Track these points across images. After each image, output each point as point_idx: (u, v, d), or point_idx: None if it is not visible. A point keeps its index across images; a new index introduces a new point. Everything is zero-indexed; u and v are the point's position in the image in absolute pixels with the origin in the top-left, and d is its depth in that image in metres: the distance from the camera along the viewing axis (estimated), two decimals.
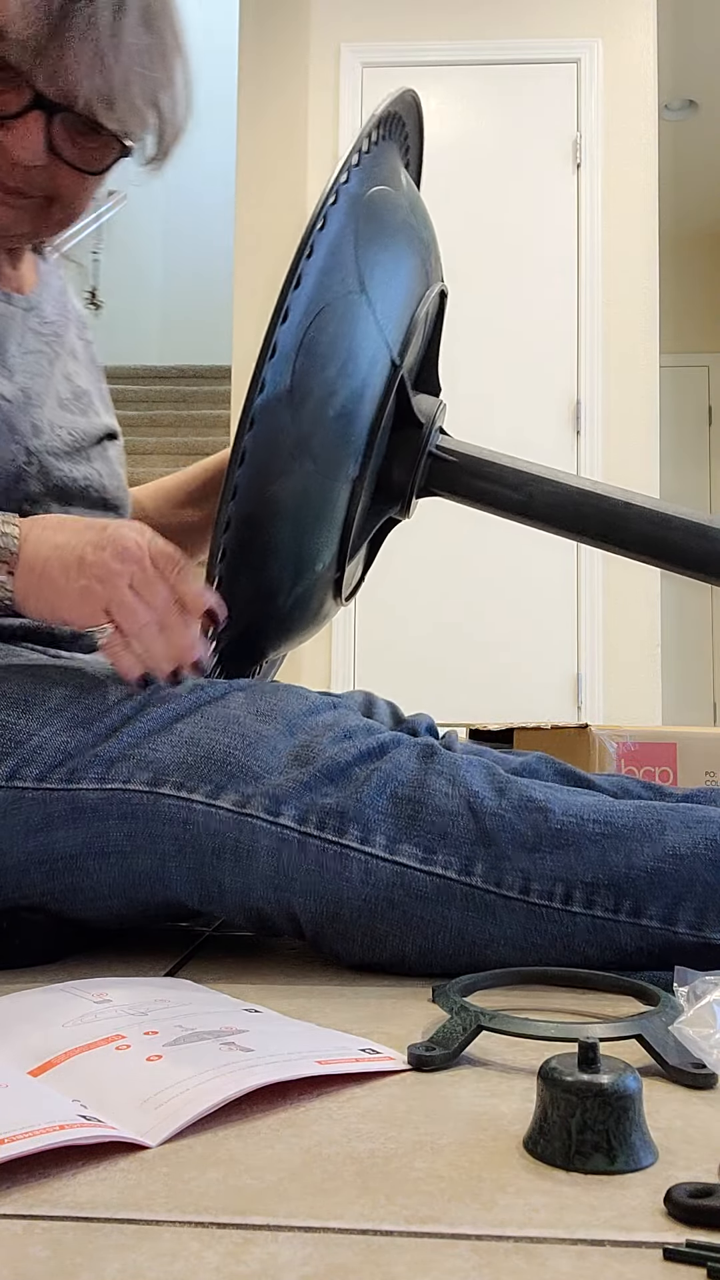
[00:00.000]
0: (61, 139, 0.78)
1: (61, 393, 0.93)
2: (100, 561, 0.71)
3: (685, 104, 4.58)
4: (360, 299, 0.77)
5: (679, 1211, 0.35)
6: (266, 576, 0.80)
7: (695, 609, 5.51)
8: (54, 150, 0.78)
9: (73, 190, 0.81)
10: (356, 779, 0.70)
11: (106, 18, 0.73)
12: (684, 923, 0.67)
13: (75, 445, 0.91)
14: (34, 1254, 0.34)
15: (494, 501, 0.89)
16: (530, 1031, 0.49)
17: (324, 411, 0.76)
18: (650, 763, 1.19)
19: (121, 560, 0.71)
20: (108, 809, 0.70)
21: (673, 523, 0.84)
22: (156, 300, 6.12)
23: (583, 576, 3.38)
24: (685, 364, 5.60)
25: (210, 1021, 0.52)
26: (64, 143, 0.78)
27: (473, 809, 0.69)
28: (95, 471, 0.92)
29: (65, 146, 0.78)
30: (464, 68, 3.53)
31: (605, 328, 3.44)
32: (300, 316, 0.74)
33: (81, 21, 0.73)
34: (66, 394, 0.93)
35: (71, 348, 0.98)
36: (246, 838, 0.68)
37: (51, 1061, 0.48)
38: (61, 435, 0.89)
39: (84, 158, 0.79)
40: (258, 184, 3.63)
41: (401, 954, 0.69)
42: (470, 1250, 0.34)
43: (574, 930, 0.67)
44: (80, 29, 0.73)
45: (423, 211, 0.89)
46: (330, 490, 0.79)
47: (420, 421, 0.86)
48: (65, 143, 0.78)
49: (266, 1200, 0.37)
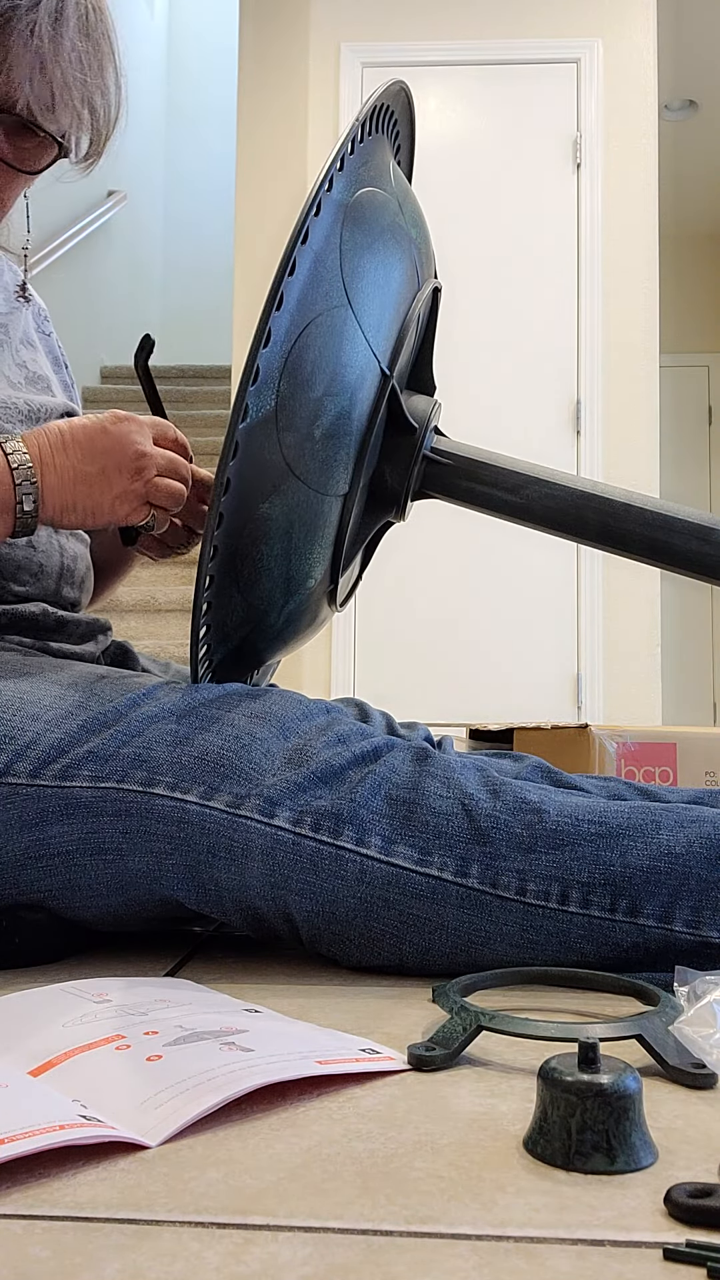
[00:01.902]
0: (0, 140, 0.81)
1: (12, 376, 0.94)
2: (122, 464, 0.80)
3: (685, 104, 4.58)
4: (345, 313, 0.76)
5: (679, 1211, 0.36)
6: (258, 595, 0.79)
7: (695, 609, 5.51)
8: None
9: (5, 188, 0.85)
10: (351, 781, 0.70)
11: (47, 25, 0.77)
12: (680, 921, 0.67)
13: (32, 415, 0.92)
14: (34, 1254, 0.34)
15: (491, 504, 0.88)
16: (530, 1031, 0.49)
17: (311, 433, 0.75)
18: (650, 763, 1.19)
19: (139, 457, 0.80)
20: (102, 806, 0.70)
21: (673, 524, 0.84)
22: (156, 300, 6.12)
23: (583, 576, 3.38)
24: (685, 364, 5.60)
25: (210, 1021, 0.52)
26: (1, 143, 0.81)
27: (467, 810, 0.69)
28: None
29: (2, 147, 0.82)
30: (464, 68, 3.53)
31: (605, 328, 3.44)
32: (283, 338, 0.73)
33: (23, 29, 0.76)
34: (19, 378, 0.95)
35: (26, 338, 0.99)
36: (241, 838, 0.69)
37: (51, 1061, 0.48)
38: (17, 404, 0.91)
39: (20, 157, 0.83)
40: (257, 185, 3.63)
41: (398, 955, 0.69)
42: (470, 1250, 0.34)
43: (571, 930, 0.67)
44: (22, 36, 0.76)
45: (413, 207, 0.88)
46: (321, 507, 0.78)
47: (414, 426, 0.86)
48: (2, 143, 0.81)
49: (266, 1200, 0.37)
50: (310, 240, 0.74)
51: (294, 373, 0.73)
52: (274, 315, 0.72)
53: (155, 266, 6.12)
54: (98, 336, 5.15)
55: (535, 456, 3.40)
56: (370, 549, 1.00)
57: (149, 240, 6.00)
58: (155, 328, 6.08)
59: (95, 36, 0.81)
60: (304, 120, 3.56)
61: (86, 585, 0.98)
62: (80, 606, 0.98)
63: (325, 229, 0.75)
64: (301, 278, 0.73)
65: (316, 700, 0.79)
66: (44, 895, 0.73)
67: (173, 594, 3.42)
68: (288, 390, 0.73)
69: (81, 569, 0.96)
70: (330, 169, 0.76)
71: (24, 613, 0.88)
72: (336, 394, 0.76)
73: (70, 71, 0.79)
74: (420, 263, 0.88)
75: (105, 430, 0.80)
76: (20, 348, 0.97)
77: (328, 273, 0.75)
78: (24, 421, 0.91)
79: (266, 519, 0.75)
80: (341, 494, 0.80)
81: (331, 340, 0.75)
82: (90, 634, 0.96)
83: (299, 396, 0.74)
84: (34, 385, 0.96)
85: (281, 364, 0.73)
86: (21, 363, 0.97)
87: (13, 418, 0.90)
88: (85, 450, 0.79)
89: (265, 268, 3.61)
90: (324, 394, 0.75)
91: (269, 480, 0.74)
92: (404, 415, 0.85)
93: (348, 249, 0.77)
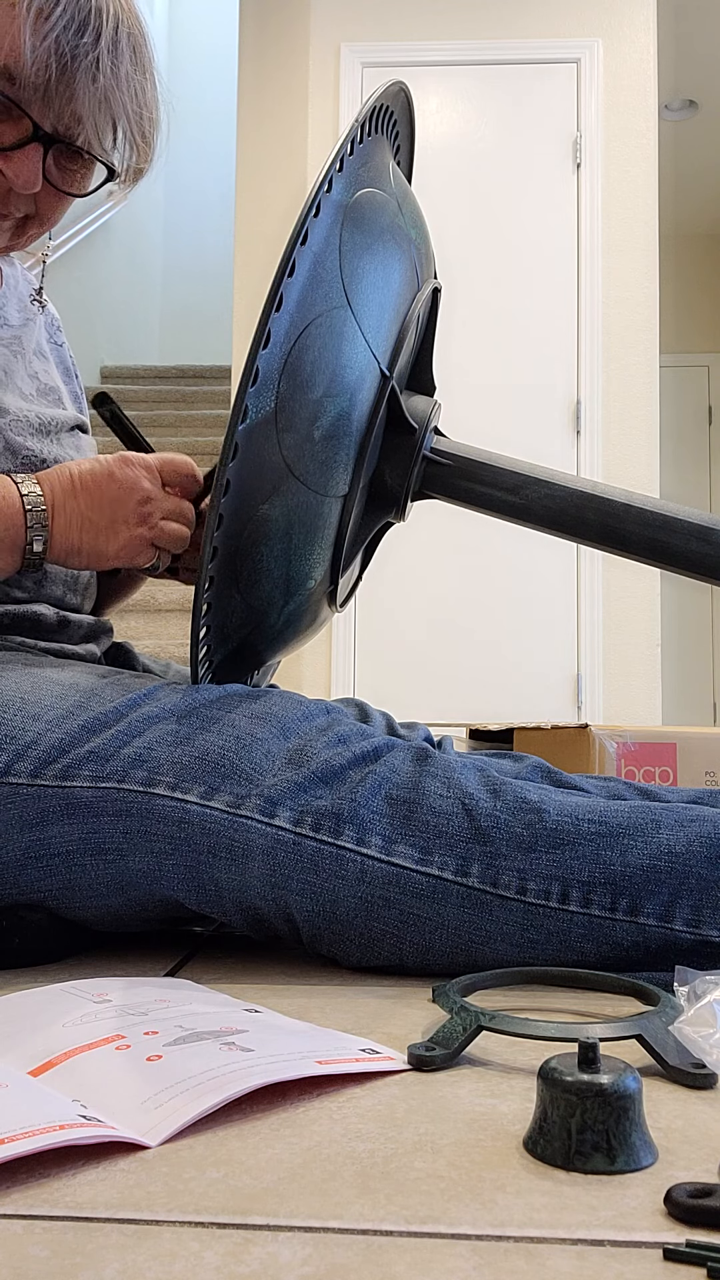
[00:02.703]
0: (50, 166, 0.83)
1: (25, 389, 0.95)
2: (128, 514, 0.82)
3: (685, 104, 4.58)
4: (345, 314, 0.76)
5: (679, 1211, 0.36)
6: (258, 597, 0.79)
7: (695, 609, 5.51)
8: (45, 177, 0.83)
9: (51, 209, 0.86)
10: (351, 781, 0.70)
11: (108, 62, 0.79)
12: (680, 920, 0.67)
13: (44, 428, 0.92)
14: (34, 1254, 0.34)
15: (491, 504, 0.88)
16: (530, 1031, 0.49)
17: (311, 434, 0.75)
18: (650, 763, 1.19)
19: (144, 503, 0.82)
20: (102, 807, 0.70)
21: (674, 524, 0.84)
22: (156, 300, 6.12)
23: (583, 576, 3.38)
24: (685, 364, 5.60)
25: (210, 1021, 0.52)
26: (52, 170, 0.83)
27: (468, 810, 0.69)
28: (66, 454, 0.93)
29: (53, 173, 0.83)
30: (464, 68, 3.53)
31: (605, 328, 3.44)
32: (282, 339, 0.73)
33: (89, 64, 0.78)
34: (31, 390, 0.95)
35: (39, 349, 1.00)
36: (241, 838, 0.69)
37: (51, 1061, 0.48)
38: (29, 417, 0.91)
39: (68, 181, 0.85)
40: (257, 185, 3.63)
41: (399, 954, 0.69)
42: (470, 1250, 0.34)
43: (571, 929, 0.67)
44: (87, 73, 0.78)
45: (412, 207, 0.88)
46: (321, 509, 0.78)
47: (413, 427, 0.86)
48: (54, 170, 0.83)
49: (266, 1200, 0.37)
50: (310, 241, 0.74)
51: (293, 374, 0.73)
52: (273, 316, 0.72)
53: (155, 266, 6.12)
54: (98, 336, 5.15)
55: (535, 456, 3.40)
56: (370, 549, 1.00)
57: (149, 240, 6.00)
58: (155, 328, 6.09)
59: (143, 62, 0.83)
60: (304, 120, 3.56)
61: (90, 591, 0.98)
62: (83, 610, 0.98)
63: (324, 230, 0.75)
64: (301, 279, 0.73)
65: (317, 700, 0.79)
66: (44, 895, 0.73)
67: (173, 594, 3.42)
68: (287, 391, 0.73)
69: (85, 576, 0.96)
70: (330, 170, 0.76)
71: (26, 613, 0.88)
72: (336, 395, 0.76)
73: (129, 104, 0.82)
74: (420, 263, 0.88)
75: (113, 476, 0.81)
76: (33, 359, 0.98)
77: (327, 274, 0.75)
78: (35, 435, 0.91)
79: (266, 520, 0.75)
80: (341, 495, 0.80)
81: (331, 341, 0.75)
82: (93, 635, 0.96)
83: (298, 398, 0.74)
84: (45, 397, 0.97)
85: (281, 365, 0.73)
86: (34, 374, 0.97)
87: (24, 431, 0.90)
88: (93, 498, 0.81)
89: (265, 268, 3.61)
90: (324, 395, 0.75)
91: (269, 481, 0.74)
92: (404, 416, 0.85)
93: (347, 250, 0.77)
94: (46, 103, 0.79)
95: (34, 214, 0.85)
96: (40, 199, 0.84)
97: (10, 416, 0.89)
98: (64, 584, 0.92)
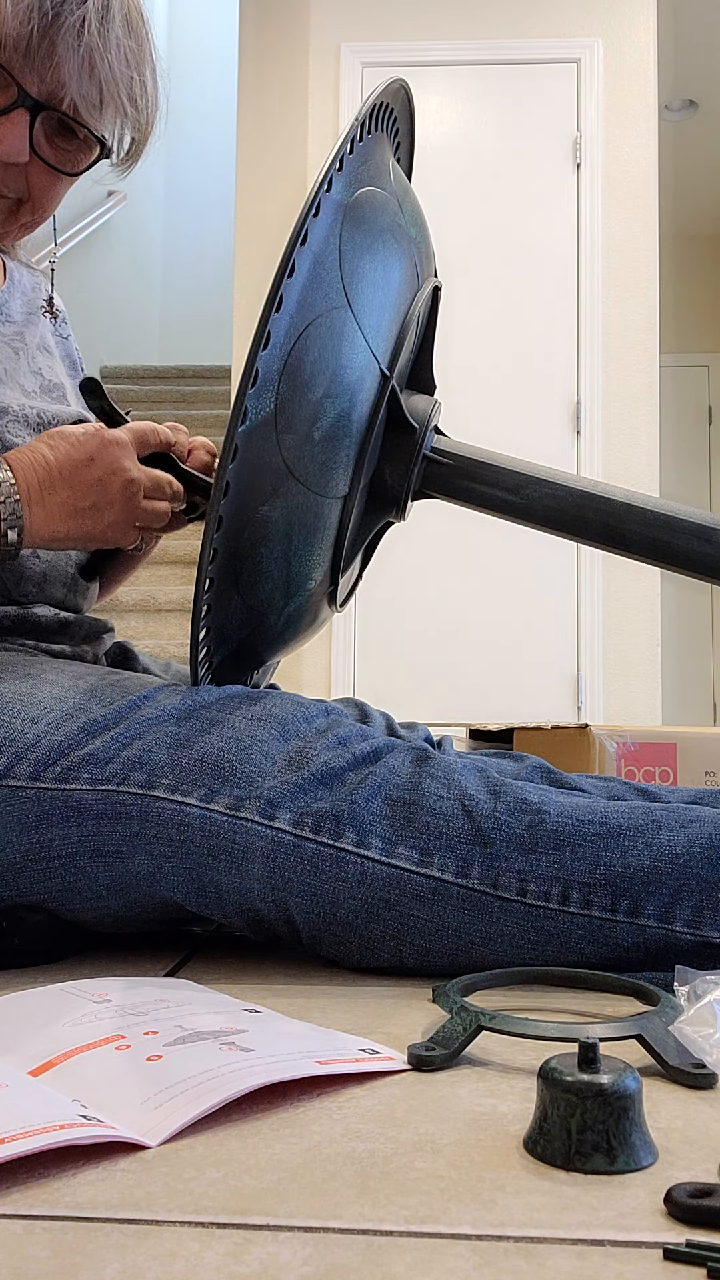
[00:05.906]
0: (41, 139, 0.81)
1: (27, 385, 0.94)
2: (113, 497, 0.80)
3: (685, 104, 4.58)
4: (345, 314, 0.75)
5: (679, 1211, 0.36)
6: (258, 598, 0.79)
7: (695, 609, 5.51)
8: (34, 149, 0.81)
9: (44, 192, 0.84)
10: (351, 783, 0.70)
11: (95, 22, 0.77)
12: (681, 921, 0.67)
13: (42, 425, 0.92)
14: (34, 1254, 0.34)
15: (491, 504, 0.88)
16: (530, 1031, 0.49)
17: (310, 435, 0.75)
18: (650, 763, 1.19)
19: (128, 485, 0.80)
20: (102, 809, 0.70)
21: (674, 524, 0.84)
22: (156, 300, 6.12)
23: (583, 576, 3.38)
24: (685, 364, 5.60)
25: (210, 1021, 0.52)
26: (43, 143, 0.81)
27: (468, 811, 0.69)
28: None
29: (44, 147, 0.81)
30: (464, 68, 3.53)
31: (605, 328, 3.44)
32: (282, 340, 0.72)
33: (72, 24, 0.76)
34: (34, 387, 0.95)
35: (43, 344, 0.99)
36: (241, 840, 0.69)
37: (51, 1061, 0.48)
38: (29, 414, 0.91)
39: (61, 158, 0.83)
40: (257, 185, 3.63)
41: (399, 956, 0.69)
42: (470, 1250, 0.34)
43: (571, 930, 0.67)
44: (70, 32, 0.76)
45: (413, 205, 0.87)
46: (320, 509, 0.78)
47: (414, 426, 0.85)
48: (44, 143, 0.81)
49: (266, 1200, 0.37)
50: (309, 241, 0.74)
51: (293, 375, 0.73)
52: (273, 317, 0.71)
53: (155, 266, 6.12)
54: (97, 337, 5.15)
55: (535, 456, 3.40)
56: (370, 549, 1.00)
57: (149, 240, 6.00)
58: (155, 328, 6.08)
59: (138, 35, 0.81)
60: (304, 120, 3.56)
61: (91, 592, 0.98)
62: (83, 611, 0.97)
63: (324, 230, 0.75)
64: (301, 279, 0.73)
65: (316, 702, 0.79)
66: (44, 897, 0.73)
67: (173, 594, 3.42)
68: (287, 392, 0.73)
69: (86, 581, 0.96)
70: (329, 169, 0.75)
71: (26, 615, 0.88)
72: (336, 395, 0.76)
73: (118, 68, 0.79)
74: (420, 262, 0.87)
75: (93, 461, 0.79)
76: (37, 354, 0.97)
77: (327, 274, 0.75)
78: (32, 431, 0.90)
79: (266, 521, 0.75)
80: (341, 495, 0.79)
81: (331, 342, 0.75)
82: (93, 635, 0.96)
83: (298, 398, 0.74)
84: (49, 394, 0.96)
85: (281, 366, 0.73)
86: (38, 370, 0.96)
87: (19, 428, 0.89)
88: (74, 486, 0.79)
89: (265, 268, 3.61)
90: (323, 395, 0.75)
91: (268, 483, 0.74)
92: (404, 415, 0.85)
93: (347, 250, 0.76)
94: (29, 63, 0.77)
95: (27, 198, 0.84)
96: (33, 180, 0.83)
97: (9, 417, 0.89)
98: (64, 585, 0.92)
